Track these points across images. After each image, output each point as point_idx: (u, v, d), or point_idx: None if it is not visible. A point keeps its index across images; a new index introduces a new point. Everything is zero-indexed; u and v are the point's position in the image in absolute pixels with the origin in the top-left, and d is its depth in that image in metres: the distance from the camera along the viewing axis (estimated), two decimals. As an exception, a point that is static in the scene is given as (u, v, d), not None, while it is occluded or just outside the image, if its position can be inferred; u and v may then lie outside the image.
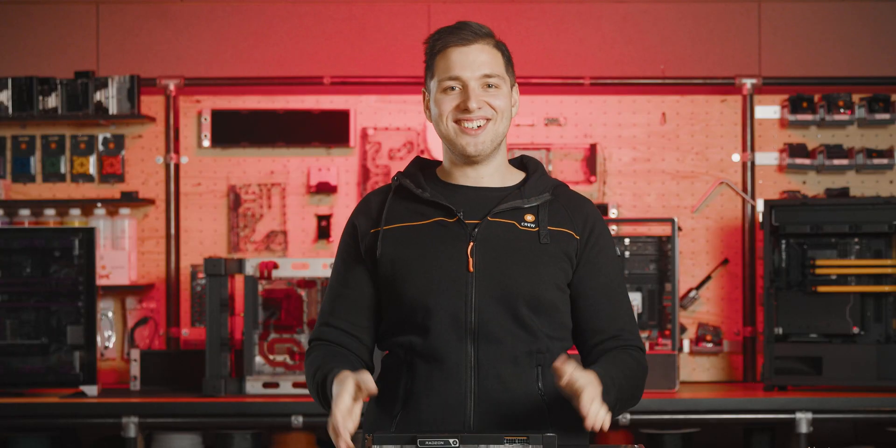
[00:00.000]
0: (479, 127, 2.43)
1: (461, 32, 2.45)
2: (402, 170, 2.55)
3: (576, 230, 2.47)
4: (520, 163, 2.57)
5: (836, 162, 5.06)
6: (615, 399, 2.35)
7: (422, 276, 2.40)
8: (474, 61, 2.43)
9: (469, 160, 2.47)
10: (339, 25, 5.33)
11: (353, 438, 2.21)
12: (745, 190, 5.15)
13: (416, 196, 2.48)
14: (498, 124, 2.45)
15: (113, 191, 5.17)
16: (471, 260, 2.41)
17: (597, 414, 2.21)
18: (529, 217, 2.46)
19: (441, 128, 2.46)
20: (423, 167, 2.55)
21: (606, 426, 2.24)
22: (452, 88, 2.44)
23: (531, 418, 2.41)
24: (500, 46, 2.49)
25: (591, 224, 2.49)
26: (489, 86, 2.44)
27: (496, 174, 2.50)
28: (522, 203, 2.46)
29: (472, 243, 2.42)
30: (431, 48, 2.48)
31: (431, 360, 2.41)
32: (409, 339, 2.43)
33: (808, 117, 5.09)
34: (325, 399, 2.37)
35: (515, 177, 2.53)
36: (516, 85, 2.53)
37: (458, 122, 2.43)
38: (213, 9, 5.33)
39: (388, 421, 2.44)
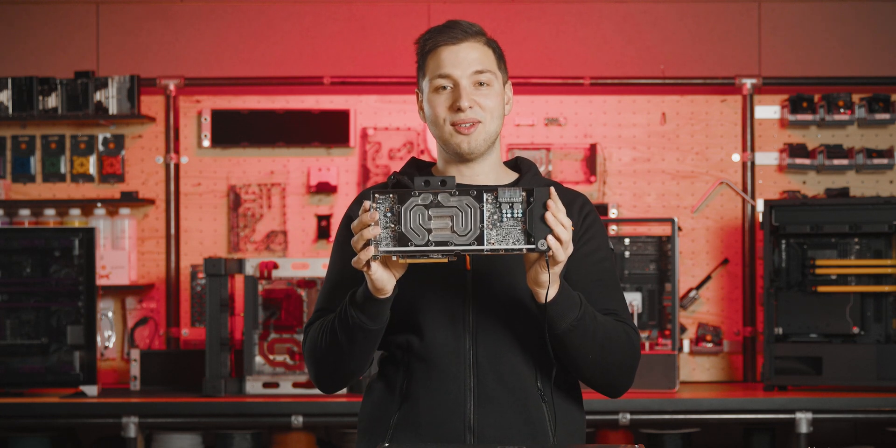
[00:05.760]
0: (470, 125, 2.43)
1: (451, 31, 2.45)
2: (397, 170, 2.55)
3: (572, 221, 2.46)
4: (514, 164, 2.58)
5: (836, 162, 5.06)
6: (582, 311, 2.33)
7: (418, 274, 2.38)
8: (465, 59, 2.43)
9: (463, 158, 2.46)
10: (339, 25, 5.33)
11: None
12: (745, 190, 5.15)
13: (413, 193, 2.48)
14: (489, 125, 2.44)
15: (113, 191, 5.17)
16: (468, 257, 2.40)
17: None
18: (525, 213, 2.45)
19: (435, 129, 2.46)
20: (419, 167, 2.55)
21: (555, 250, 2.22)
22: (444, 87, 2.44)
23: (531, 417, 2.40)
24: (492, 44, 2.49)
25: (585, 215, 2.49)
26: (481, 83, 2.44)
27: (491, 173, 2.50)
28: (517, 200, 2.45)
29: (468, 241, 2.41)
30: (422, 48, 2.48)
31: (430, 360, 2.40)
32: (407, 338, 2.42)
33: (808, 117, 5.09)
34: (352, 303, 2.34)
35: (509, 176, 2.54)
36: (510, 82, 2.52)
37: (453, 124, 2.43)
38: (213, 9, 5.33)
39: (386, 421, 2.43)
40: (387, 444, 2.34)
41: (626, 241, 4.96)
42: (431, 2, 5.30)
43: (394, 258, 2.22)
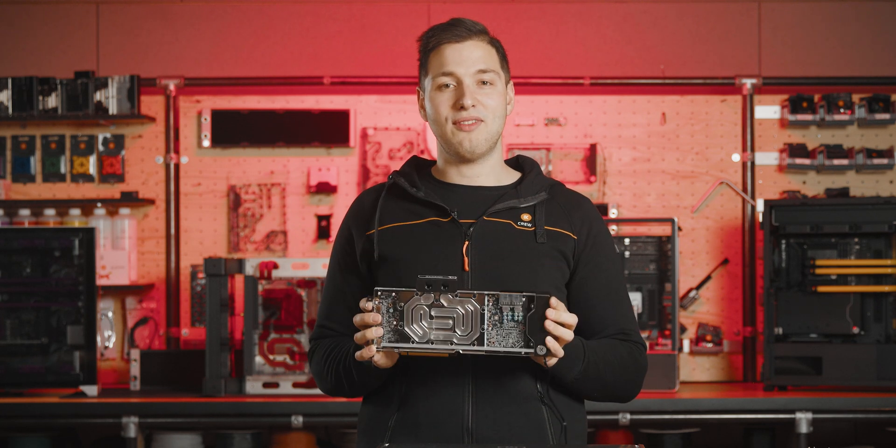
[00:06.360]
0: (472, 123, 2.42)
1: (455, 29, 2.44)
2: (397, 169, 2.54)
3: (573, 230, 2.45)
4: (515, 163, 2.56)
5: (836, 162, 5.06)
6: (586, 362, 2.36)
7: (417, 276, 2.37)
8: (469, 57, 2.42)
9: (463, 158, 2.45)
10: (339, 25, 5.33)
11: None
12: (745, 190, 5.15)
13: (411, 195, 2.46)
14: (490, 125, 2.43)
15: (113, 191, 5.17)
16: (466, 259, 2.39)
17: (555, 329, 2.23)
18: (526, 216, 2.44)
19: (437, 127, 2.45)
20: (419, 166, 2.54)
21: (554, 351, 2.24)
22: (447, 85, 2.43)
23: (530, 420, 2.40)
24: (495, 43, 2.48)
25: (589, 223, 2.47)
26: (484, 82, 2.43)
27: (491, 173, 2.49)
28: (518, 202, 2.44)
29: (466, 243, 2.40)
30: (425, 45, 2.47)
31: (429, 362, 2.39)
32: (406, 340, 2.43)
33: (808, 117, 5.09)
34: (356, 366, 2.38)
35: (511, 176, 2.52)
36: (511, 82, 2.51)
37: (455, 123, 2.43)
38: (213, 9, 5.33)
39: (385, 423, 2.42)
40: (386, 445, 2.34)
41: (626, 241, 4.96)
42: (431, 2, 5.30)
43: (395, 351, 2.27)
